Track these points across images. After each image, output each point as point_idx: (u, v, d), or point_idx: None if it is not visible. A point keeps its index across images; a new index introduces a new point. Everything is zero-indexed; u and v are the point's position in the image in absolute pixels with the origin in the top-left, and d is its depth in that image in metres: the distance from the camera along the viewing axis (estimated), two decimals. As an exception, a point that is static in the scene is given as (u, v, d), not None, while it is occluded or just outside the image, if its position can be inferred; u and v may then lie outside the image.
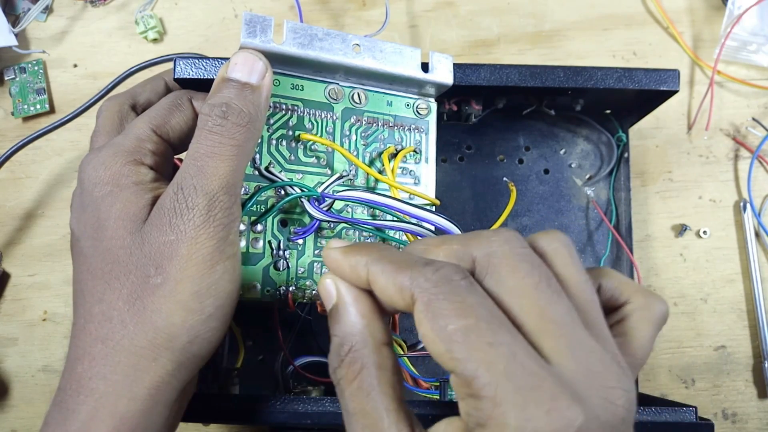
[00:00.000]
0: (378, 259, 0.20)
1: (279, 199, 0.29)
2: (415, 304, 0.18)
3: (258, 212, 0.29)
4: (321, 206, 0.29)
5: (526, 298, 0.18)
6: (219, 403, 0.29)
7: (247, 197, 0.28)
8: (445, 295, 0.18)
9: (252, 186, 0.29)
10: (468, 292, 0.18)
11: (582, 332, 0.18)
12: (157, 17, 0.44)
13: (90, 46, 0.44)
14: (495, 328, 0.17)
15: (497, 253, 0.19)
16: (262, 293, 0.29)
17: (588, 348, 0.18)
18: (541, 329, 0.18)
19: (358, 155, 0.31)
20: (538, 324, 0.18)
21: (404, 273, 0.19)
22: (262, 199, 0.29)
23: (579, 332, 0.18)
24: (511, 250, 0.20)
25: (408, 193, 0.31)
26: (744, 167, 0.43)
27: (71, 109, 0.40)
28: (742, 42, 0.43)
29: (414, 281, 0.18)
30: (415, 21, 0.45)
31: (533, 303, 0.18)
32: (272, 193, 0.29)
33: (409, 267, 0.19)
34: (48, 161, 0.43)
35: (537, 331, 0.18)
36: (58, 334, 0.41)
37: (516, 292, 0.19)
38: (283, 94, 0.29)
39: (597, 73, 0.34)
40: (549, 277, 0.19)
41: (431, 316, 0.18)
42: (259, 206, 0.29)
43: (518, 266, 0.19)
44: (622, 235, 0.40)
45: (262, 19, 0.27)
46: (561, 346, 0.18)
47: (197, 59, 0.33)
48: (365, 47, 0.29)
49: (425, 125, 0.33)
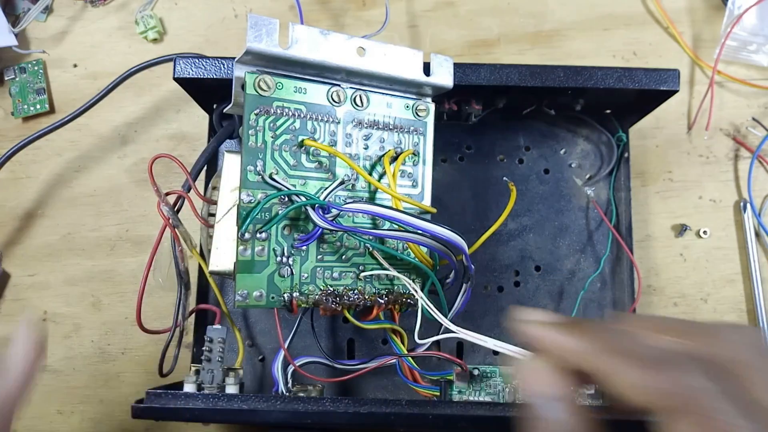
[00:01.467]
0: (611, 351, 0.18)
1: (283, 207, 0.29)
2: (676, 409, 0.17)
3: (263, 220, 0.29)
4: (326, 215, 0.29)
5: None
6: (219, 402, 0.29)
7: (253, 205, 0.28)
8: (716, 407, 0.16)
9: (257, 193, 0.29)
10: (729, 405, 0.16)
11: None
12: (157, 17, 0.44)
13: (90, 46, 0.44)
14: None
15: (746, 361, 0.18)
16: (267, 301, 0.29)
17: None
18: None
19: (359, 158, 0.31)
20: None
21: (657, 374, 0.17)
22: (267, 207, 0.29)
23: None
24: (763, 359, 0.18)
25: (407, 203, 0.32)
26: (744, 167, 0.43)
27: (71, 109, 0.40)
28: (742, 42, 0.43)
29: (676, 386, 0.17)
30: (415, 21, 0.45)
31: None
32: (276, 201, 0.29)
33: (657, 367, 0.17)
34: (48, 161, 0.43)
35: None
36: (58, 334, 0.41)
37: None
38: (287, 97, 0.29)
39: (597, 73, 0.34)
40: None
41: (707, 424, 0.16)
42: (264, 214, 0.29)
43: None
44: (622, 235, 0.40)
45: (268, 22, 0.27)
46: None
47: (197, 59, 0.33)
48: (369, 50, 0.29)
49: (423, 127, 0.33)
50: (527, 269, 0.40)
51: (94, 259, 0.42)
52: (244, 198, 0.28)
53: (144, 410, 0.30)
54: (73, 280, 0.42)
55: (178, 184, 0.40)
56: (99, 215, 0.42)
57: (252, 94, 0.28)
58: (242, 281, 0.28)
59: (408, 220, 0.28)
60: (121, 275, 0.42)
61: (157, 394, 0.30)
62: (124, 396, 0.40)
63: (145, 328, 0.32)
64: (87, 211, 0.42)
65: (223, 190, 0.32)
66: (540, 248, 0.40)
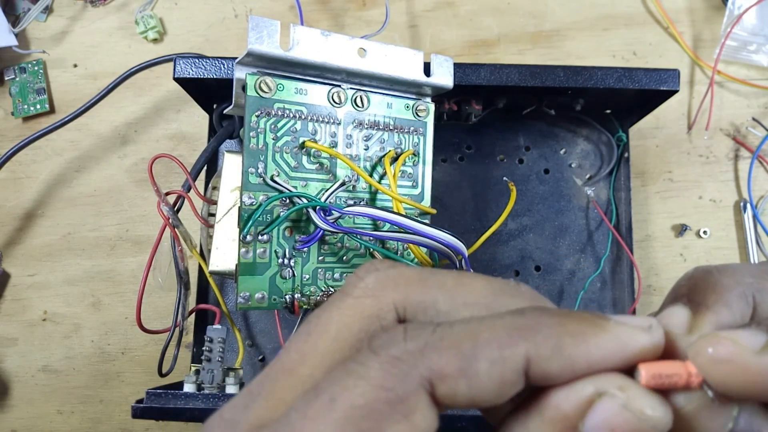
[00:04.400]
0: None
1: (285, 209, 0.29)
2: None
3: (265, 222, 0.29)
4: (327, 217, 0.29)
5: None
6: (219, 402, 0.29)
7: (254, 207, 0.28)
8: None
9: (258, 195, 0.29)
10: None
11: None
12: (157, 17, 0.44)
13: (90, 46, 0.44)
14: None
15: None
16: (269, 302, 0.29)
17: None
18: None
19: (360, 159, 0.31)
20: None
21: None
22: (268, 209, 0.29)
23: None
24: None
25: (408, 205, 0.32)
26: (744, 167, 0.43)
27: (71, 109, 0.40)
28: (742, 42, 0.43)
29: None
30: (415, 21, 0.45)
31: None
32: (277, 203, 0.29)
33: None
34: (48, 161, 0.43)
35: None
36: (57, 334, 0.41)
37: None
38: (288, 99, 0.29)
39: (597, 73, 0.34)
40: None
41: None
42: (266, 216, 0.29)
43: None
44: (622, 235, 0.40)
45: (269, 24, 0.27)
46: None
47: (197, 59, 0.33)
48: (369, 51, 0.29)
49: (424, 127, 0.33)
50: (527, 269, 0.40)
51: (94, 259, 0.42)
52: (246, 200, 0.28)
53: (144, 410, 0.30)
54: (73, 280, 0.42)
55: (178, 184, 0.40)
56: (99, 215, 0.42)
57: (253, 96, 0.28)
58: (244, 283, 0.28)
59: (407, 223, 0.28)
60: (121, 275, 0.42)
61: (157, 394, 0.30)
62: (124, 396, 0.40)
63: (145, 328, 0.32)
64: (87, 211, 0.42)
65: (223, 190, 0.32)
66: (540, 248, 0.40)
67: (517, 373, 0.13)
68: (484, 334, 0.14)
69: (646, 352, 0.14)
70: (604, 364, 0.14)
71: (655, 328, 0.14)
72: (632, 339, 0.14)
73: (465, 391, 0.13)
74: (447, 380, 0.13)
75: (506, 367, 0.13)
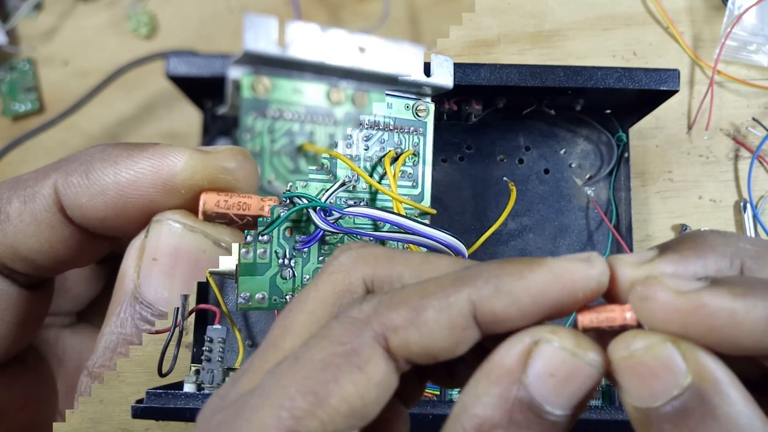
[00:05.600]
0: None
1: (285, 209, 0.29)
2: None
3: (265, 222, 0.28)
4: (327, 218, 0.29)
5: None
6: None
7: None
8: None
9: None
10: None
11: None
12: (149, 13, 0.43)
13: (80, 43, 0.44)
14: None
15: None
16: (269, 303, 0.29)
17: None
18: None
19: (360, 160, 0.31)
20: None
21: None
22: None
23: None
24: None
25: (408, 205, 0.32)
26: (744, 167, 0.43)
27: (62, 107, 0.39)
28: (742, 42, 0.43)
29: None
30: (415, 16, 0.44)
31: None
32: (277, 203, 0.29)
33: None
34: (38, 162, 0.42)
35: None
36: (53, 335, 0.40)
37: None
38: (285, 99, 0.29)
39: (597, 73, 0.34)
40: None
41: None
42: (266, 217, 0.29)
43: None
44: (622, 235, 0.40)
45: (265, 22, 0.26)
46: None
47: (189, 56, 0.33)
48: (368, 49, 0.29)
49: (423, 127, 0.33)
50: (527, 270, 0.40)
51: (89, 260, 0.41)
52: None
53: (144, 410, 0.30)
54: (68, 282, 0.41)
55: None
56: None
57: (248, 98, 0.28)
58: (244, 284, 0.28)
59: (407, 223, 0.28)
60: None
61: (157, 394, 0.30)
62: (124, 396, 0.40)
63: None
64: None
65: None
66: (540, 248, 0.40)
67: (465, 318, 0.14)
68: (431, 288, 0.15)
69: (588, 284, 0.14)
70: (546, 297, 0.14)
71: (595, 260, 0.14)
72: (568, 270, 0.14)
73: (417, 339, 0.14)
74: (399, 332, 0.14)
75: (453, 312, 0.14)
